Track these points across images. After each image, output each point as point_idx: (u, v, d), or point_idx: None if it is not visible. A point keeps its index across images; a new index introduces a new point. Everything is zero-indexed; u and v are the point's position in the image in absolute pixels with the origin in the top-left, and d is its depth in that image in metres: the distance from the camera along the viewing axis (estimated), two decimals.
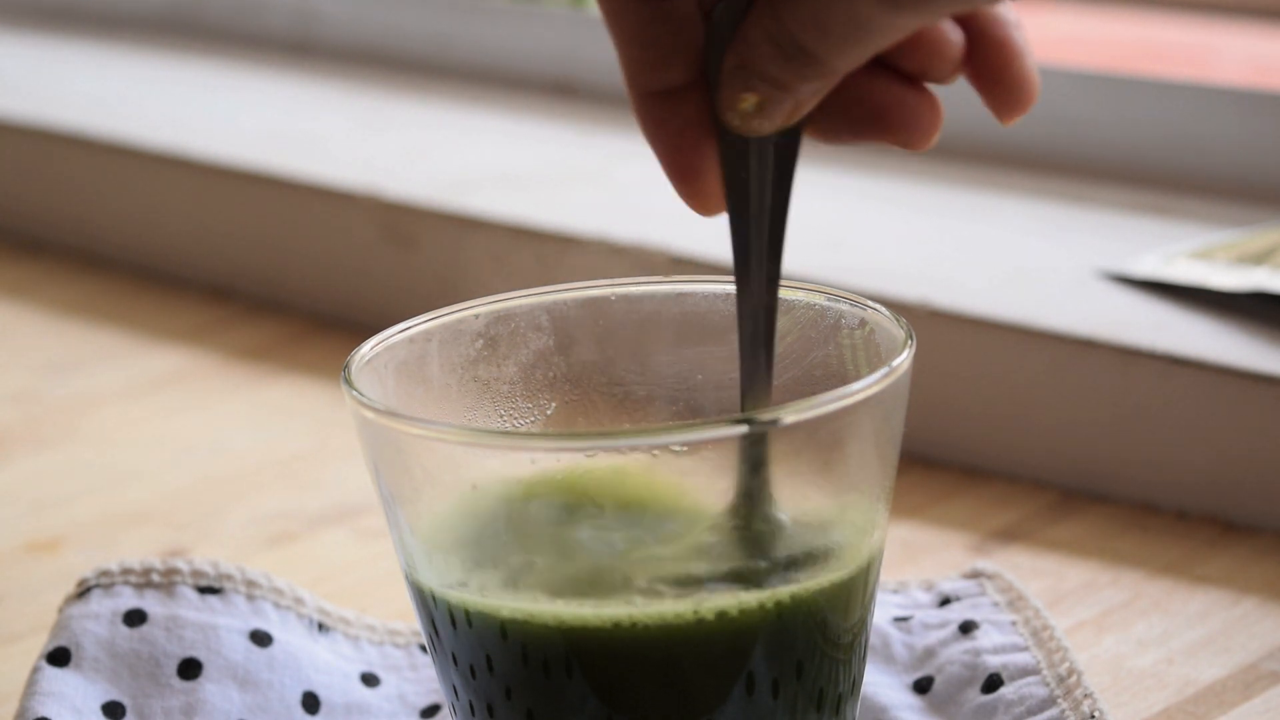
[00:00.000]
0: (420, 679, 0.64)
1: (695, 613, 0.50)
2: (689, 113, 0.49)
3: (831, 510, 0.52)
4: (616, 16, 0.48)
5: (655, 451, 0.53)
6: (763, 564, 0.51)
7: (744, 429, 0.50)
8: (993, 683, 0.60)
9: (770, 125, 0.48)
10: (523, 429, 0.58)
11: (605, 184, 1.02)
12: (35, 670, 0.62)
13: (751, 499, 0.51)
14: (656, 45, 0.49)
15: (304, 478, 0.84)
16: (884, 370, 0.51)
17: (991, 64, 0.48)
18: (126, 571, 0.65)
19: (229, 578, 0.65)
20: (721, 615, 0.50)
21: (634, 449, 0.52)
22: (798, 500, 0.52)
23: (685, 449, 0.52)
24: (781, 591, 0.51)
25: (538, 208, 0.97)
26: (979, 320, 0.81)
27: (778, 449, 0.51)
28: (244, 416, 0.92)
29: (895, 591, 0.66)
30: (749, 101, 0.48)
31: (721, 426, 0.50)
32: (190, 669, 0.62)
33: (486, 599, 0.51)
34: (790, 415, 0.49)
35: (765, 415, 0.50)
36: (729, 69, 0.48)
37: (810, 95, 0.48)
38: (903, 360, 0.52)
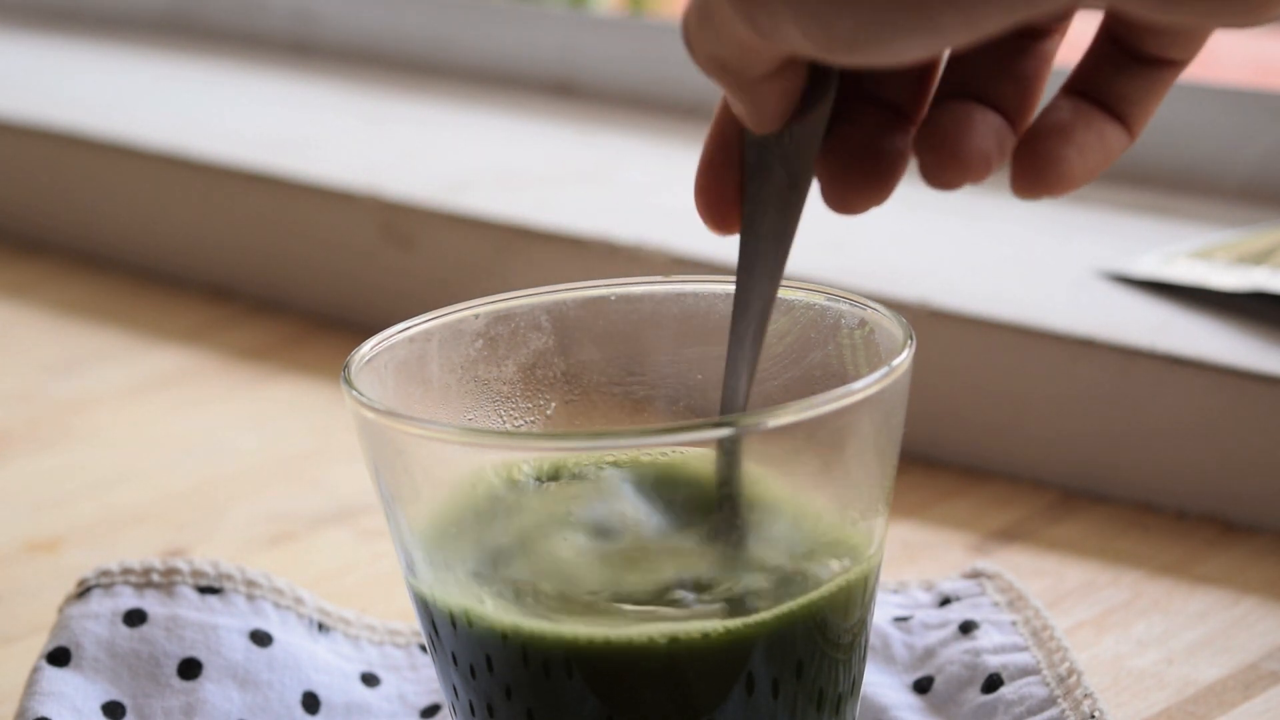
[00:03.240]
0: (420, 679, 0.64)
1: (697, 631, 0.50)
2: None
3: (831, 510, 0.52)
4: None
5: (654, 452, 0.53)
6: (762, 568, 0.51)
7: (730, 430, 0.50)
8: (993, 683, 0.60)
9: (738, 114, 0.47)
10: (523, 429, 0.58)
11: (605, 184, 1.02)
12: (35, 670, 0.62)
13: (736, 501, 0.51)
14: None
15: (304, 478, 0.84)
16: (884, 370, 0.51)
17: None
18: (126, 571, 0.65)
19: (229, 578, 0.65)
20: (721, 625, 0.50)
21: (633, 449, 0.52)
22: (797, 500, 0.52)
23: (685, 450, 0.52)
24: (782, 592, 0.50)
25: (538, 208, 0.97)
26: (979, 320, 0.81)
27: (777, 449, 0.51)
28: (244, 416, 0.92)
29: (895, 591, 0.66)
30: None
31: (722, 427, 0.50)
32: (190, 669, 0.62)
33: (486, 599, 0.51)
34: (790, 415, 0.49)
35: (746, 418, 0.50)
36: None
37: (732, 85, 0.46)
38: (903, 360, 0.52)
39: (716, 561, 0.51)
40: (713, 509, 0.52)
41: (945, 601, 0.65)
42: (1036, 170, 0.47)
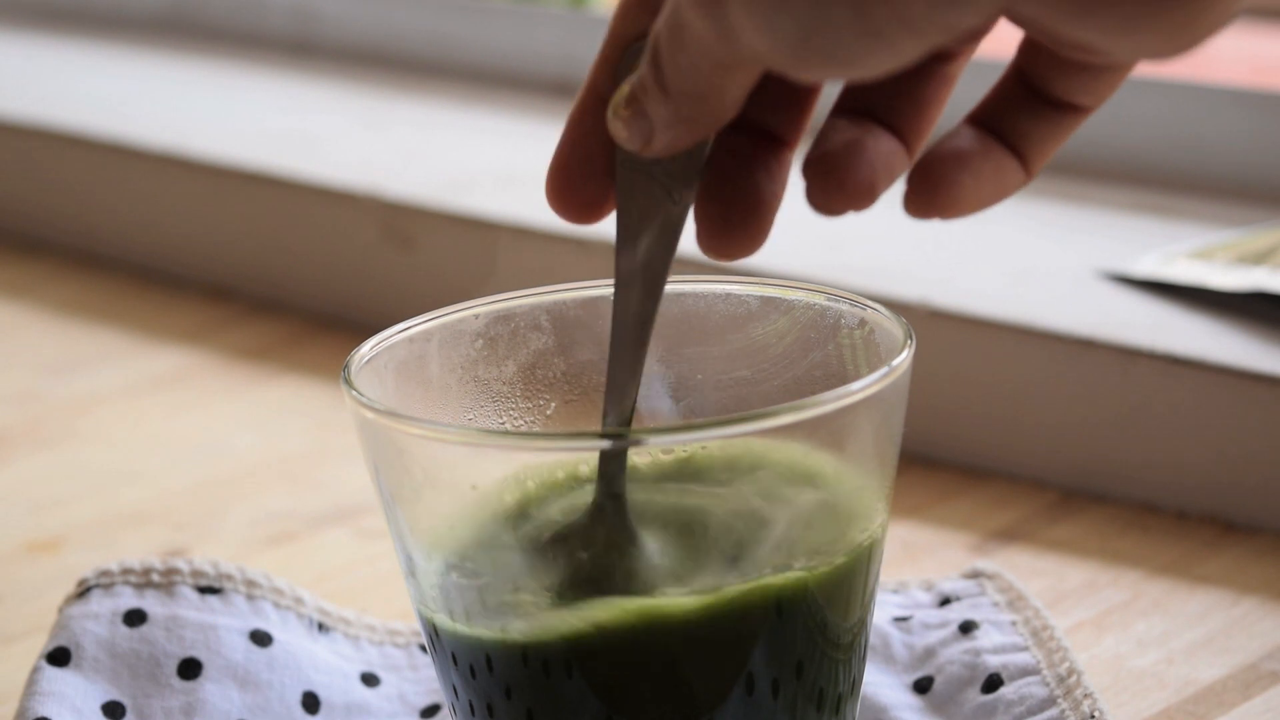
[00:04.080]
0: (420, 679, 0.64)
1: (697, 630, 0.50)
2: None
3: (831, 510, 0.52)
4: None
5: (654, 451, 0.53)
6: (762, 567, 0.51)
7: (741, 428, 0.50)
8: (993, 683, 0.60)
9: (634, 145, 0.47)
10: (523, 429, 0.58)
11: None
12: (35, 670, 0.62)
13: (746, 496, 0.51)
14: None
15: (304, 478, 0.84)
16: (884, 370, 0.51)
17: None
18: (126, 571, 0.65)
19: (229, 578, 0.65)
20: (721, 614, 0.50)
21: (633, 449, 0.52)
22: (798, 500, 0.52)
23: (684, 449, 0.52)
24: (782, 591, 0.51)
25: (538, 208, 0.97)
26: (979, 320, 0.81)
27: (776, 449, 0.51)
28: (244, 416, 0.92)
29: (895, 591, 0.66)
30: (621, 112, 0.47)
31: (721, 427, 0.50)
32: (190, 669, 0.62)
33: (486, 599, 0.51)
34: (790, 415, 0.49)
35: (751, 416, 0.50)
36: (628, 80, 0.47)
37: (663, 125, 0.46)
38: (903, 360, 0.52)
39: (716, 561, 0.51)
40: (712, 508, 0.52)
41: (945, 601, 0.65)
42: (930, 192, 0.47)
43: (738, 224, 0.48)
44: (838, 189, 0.46)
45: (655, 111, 0.46)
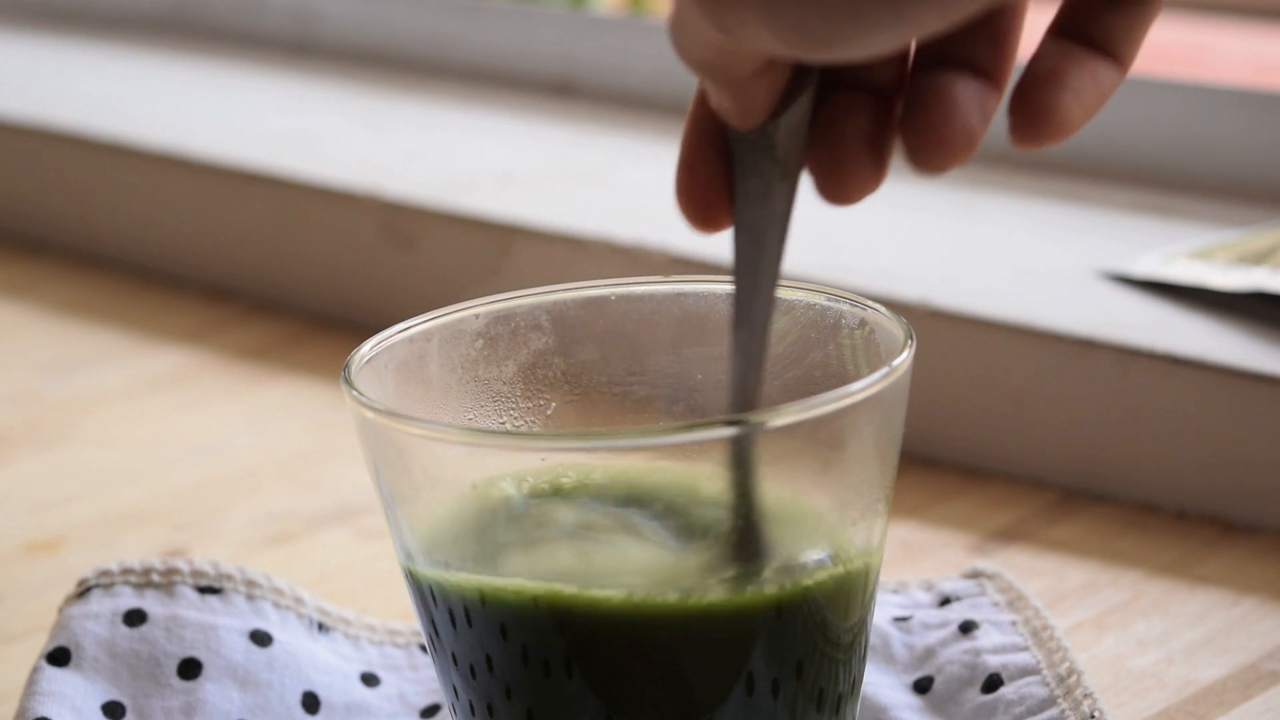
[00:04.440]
0: (420, 679, 0.64)
1: (697, 631, 0.50)
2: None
3: (831, 510, 0.52)
4: None
5: (655, 451, 0.53)
6: (762, 563, 0.51)
7: (737, 430, 0.50)
8: (993, 683, 0.60)
9: (725, 117, 0.47)
10: (523, 429, 0.58)
11: (605, 184, 1.02)
12: (35, 670, 0.62)
13: (747, 498, 0.51)
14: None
15: (304, 478, 0.84)
16: (884, 370, 0.51)
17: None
18: (126, 571, 0.65)
19: (229, 578, 0.65)
20: (721, 614, 0.50)
21: (634, 449, 0.52)
22: (798, 500, 0.52)
23: (684, 449, 0.52)
24: (782, 591, 0.51)
25: (538, 208, 0.97)
26: (979, 320, 0.81)
27: (776, 449, 0.51)
28: (244, 416, 0.92)
29: (895, 591, 0.66)
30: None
31: (720, 427, 0.50)
32: (190, 669, 0.62)
33: (486, 599, 0.51)
34: (790, 415, 0.49)
35: (755, 417, 0.50)
36: None
37: (719, 87, 0.46)
38: (903, 360, 0.52)
39: (716, 560, 0.51)
40: (711, 507, 0.52)
41: (945, 601, 0.65)
42: (1034, 121, 0.46)
43: (849, 167, 0.48)
44: (936, 145, 0.46)
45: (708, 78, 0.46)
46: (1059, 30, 0.47)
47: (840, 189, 0.48)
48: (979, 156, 1.07)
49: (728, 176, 0.49)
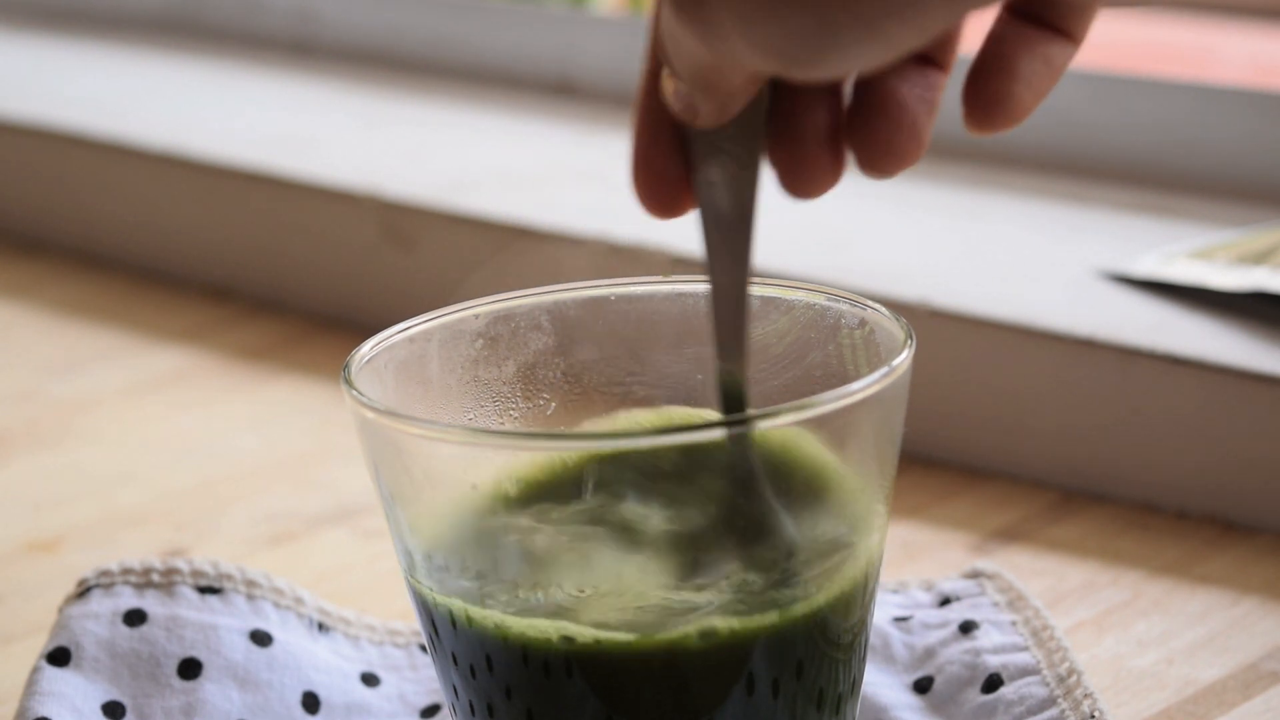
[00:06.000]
0: (420, 679, 0.64)
1: (697, 632, 0.50)
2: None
3: (831, 511, 0.52)
4: None
5: (654, 451, 0.53)
6: (764, 567, 0.51)
7: (739, 429, 0.50)
8: (993, 683, 0.60)
9: (686, 117, 0.47)
10: (523, 429, 0.58)
11: (605, 184, 1.02)
12: (35, 670, 0.62)
13: (748, 496, 0.51)
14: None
15: (304, 478, 0.84)
16: (884, 370, 0.51)
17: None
18: (126, 571, 0.65)
19: (229, 578, 0.65)
20: (720, 624, 0.50)
21: (633, 449, 0.52)
22: (798, 500, 0.52)
23: (683, 448, 0.52)
24: (782, 593, 0.50)
25: (538, 208, 0.97)
26: (979, 320, 0.81)
27: (775, 448, 0.51)
28: (244, 416, 0.92)
29: (895, 591, 0.66)
30: (666, 88, 0.48)
31: (719, 427, 0.50)
32: (190, 669, 0.62)
33: (486, 599, 0.51)
34: (790, 415, 0.49)
35: (754, 415, 0.50)
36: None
37: (708, 98, 0.47)
38: (903, 360, 0.52)
39: (716, 561, 0.51)
40: (712, 507, 0.52)
41: (945, 601, 0.65)
42: (987, 109, 0.47)
43: (814, 159, 0.48)
44: (885, 153, 0.47)
45: (684, 91, 0.46)
46: (1011, 9, 0.47)
47: (801, 184, 0.48)
48: (980, 156, 1.07)
49: (685, 165, 0.49)
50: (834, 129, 0.48)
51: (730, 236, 0.50)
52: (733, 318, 0.50)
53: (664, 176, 0.50)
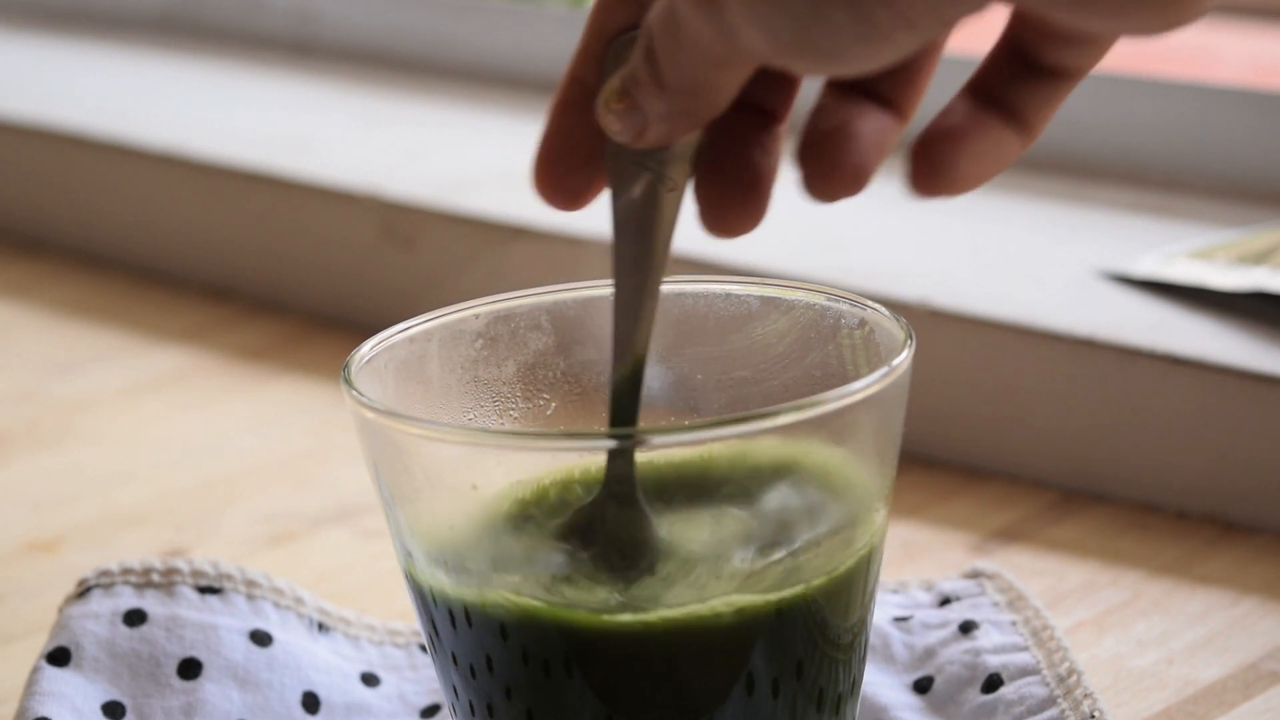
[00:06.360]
0: (420, 679, 0.64)
1: (696, 615, 0.50)
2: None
3: (831, 511, 0.52)
4: None
5: (654, 451, 0.53)
6: (763, 564, 0.51)
7: (741, 428, 0.50)
8: (993, 683, 0.60)
9: (627, 137, 0.48)
10: (523, 429, 0.58)
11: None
12: (35, 670, 0.62)
13: (748, 496, 0.51)
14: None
15: (304, 478, 0.84)
16: (884, 370, 0.51)
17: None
18: (126, 571, 0.65)
19: (229, 578, 0.65)
20: (721, 616, 0.50)
21: (633, 449, 0.52)
22: (798, 500, 0.52)
23: (683, 448, 0.52)
24: (782, 592, 0.51)
25: (537, 208, 0.97)
26: (979, 320, 0.81)
27: (775, 448, 0.51)
28: (244, 416, 0.92)
29: (895, 591, 0.66)
30: (613, 105, 0.48)
31: (719, 427, 0.50)
32: (190, 669, 0.62)
33: (486, 599, 0.51)
34: (790, 415, 0.49)
35: (756, 416, 0.50)
36: (617, 71, 0.48)
37: (658, 118, 0.47)
38: (903, 360, 0.52)
39: (716, 560, 0.51)
40: (711, 507, 0.52)
41: (945, 601, 0.65)
42: (930, 174, 0.47)
43: (737, 201, 0.49)
44: (830, 176, 0.47)
45: (650, 105, 0.47)
46: (973, 90, 0.47)
47: (719, 224, 0.49)
48: None
49: (594, 165, 0.50)
50: (762, 176, 0.48)
51: (640, 251, 0.50)
52: (628, 327, 0.51)
53: (569, 174, 0.50)
